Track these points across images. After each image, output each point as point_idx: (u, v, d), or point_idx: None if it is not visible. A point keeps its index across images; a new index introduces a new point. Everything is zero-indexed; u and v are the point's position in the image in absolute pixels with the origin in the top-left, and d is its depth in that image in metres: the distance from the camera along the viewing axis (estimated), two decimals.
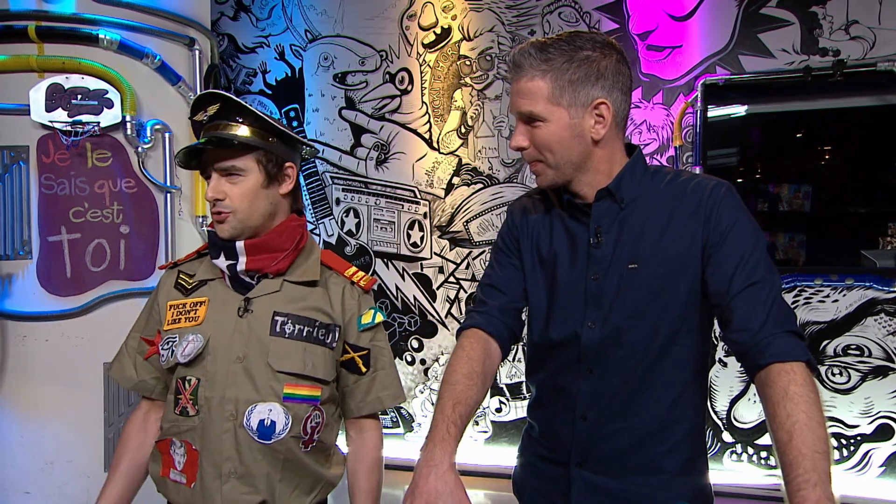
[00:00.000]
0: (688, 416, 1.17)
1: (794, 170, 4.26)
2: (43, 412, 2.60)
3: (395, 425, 3.74)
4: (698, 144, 3.27)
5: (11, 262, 2.66)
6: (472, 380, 1.13)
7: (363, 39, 3.65)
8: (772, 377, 0.98)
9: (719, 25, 3.25)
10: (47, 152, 2.61)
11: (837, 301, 3.20)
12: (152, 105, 2.73)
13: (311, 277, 1.28)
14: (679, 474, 1.17)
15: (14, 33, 2.55)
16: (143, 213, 2.72)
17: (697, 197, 1.11)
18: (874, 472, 3.17)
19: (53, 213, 2.62)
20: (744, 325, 1.03)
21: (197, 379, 1.18)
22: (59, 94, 2.57)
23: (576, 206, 1.17)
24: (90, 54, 2.60)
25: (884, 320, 3.14)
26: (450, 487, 0.97)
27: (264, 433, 1.18)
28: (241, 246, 1.20)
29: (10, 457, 2.67)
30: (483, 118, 3.53)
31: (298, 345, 1.22)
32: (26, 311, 2.63)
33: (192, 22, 2.92)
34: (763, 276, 1.05)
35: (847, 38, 3.12)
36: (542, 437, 1.26)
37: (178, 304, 1.23)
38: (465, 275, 3.62)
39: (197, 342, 1.17)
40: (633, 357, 1.13)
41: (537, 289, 1.22)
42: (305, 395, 1.23)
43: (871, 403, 3.16)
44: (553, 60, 1.08)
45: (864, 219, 3.73)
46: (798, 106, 3.37)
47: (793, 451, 0.90)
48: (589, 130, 1.10)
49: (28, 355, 2.64)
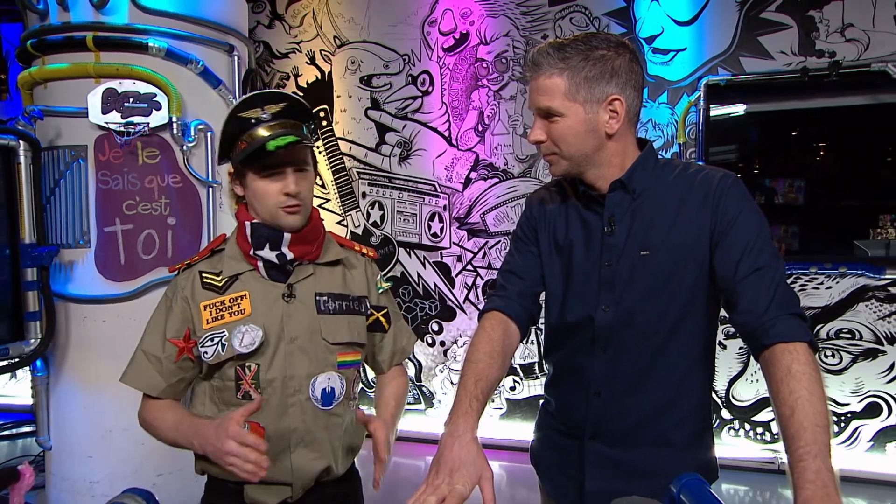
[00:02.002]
0: (694, 392, 1.16)
1: (790, 165, 4.19)
2: (102, 385, 2.65)
3: (417, 402, 3.77)
4: (701, 141, 3.23)
5: (73, 251, 2.70)
6: (493, 358, 1.13)
7: (387, 44, 3.64)
8: (776, 356, 0.97)
9: (721, 29, 3.19)
10: (103, 151, 2.64)
11: (831, 288, 3.15)
12: (196, 107, 2.74)
13: (337, 257, 1.30)
14: (686, 448, 1.16)
15: (74, 43, 2.59)
16: (188, 205, 2.75)
17: (705, 188, 1.09)
18: (863, 446, 3.14)
19: (109, 206, 2.65)
20: (749, 308, 1.02)
21: (257, 365, 1.18)
22: (113, 97, 2.59)
23: (590, 196, 1.16)
24: (141, 61, 2.62)
25: (874, 306, 3.10)
26: (472, 456, 0.97)
27: (326, 400, 1.22)
28: (288, 237, 1.20)
29: (74, 425, 2.73)
30: (499, 117, 3.51)
31: (343, 318, 1.25)
32: (86, 294, 2.68)
33: (232, 30, 2.93)
34: (768, 262, 1.04)
35: (843, 40, 3.06)
36: (558, 412, 1.26)
37: (215, 303, 1.19)
38: (482, 263, 3.62)
39: (254, 332, 1.17)
40: (644, 338, 1.12)
41: (554, 274, 1.21)
42: (352, 361, 1.27)
43: (862, 383, 3.13)
44: (570, 59, 1.06)
45: (856, 211, 3.68)
46: (795, 105, 3.31)
47: (795, 424, 0.88)
48: (603, 125, 1.09)
49: (88, 335, 2.69)
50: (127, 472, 2.57)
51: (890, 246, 3.39)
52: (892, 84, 2.99)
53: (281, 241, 1.20)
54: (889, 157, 4.08)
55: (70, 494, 2.74)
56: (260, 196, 1.18)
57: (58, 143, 2.68)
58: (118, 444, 2.66)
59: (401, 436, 3.95)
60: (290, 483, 1.19)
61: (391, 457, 1.19)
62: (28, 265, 2.62)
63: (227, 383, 1.19)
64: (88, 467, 2.69)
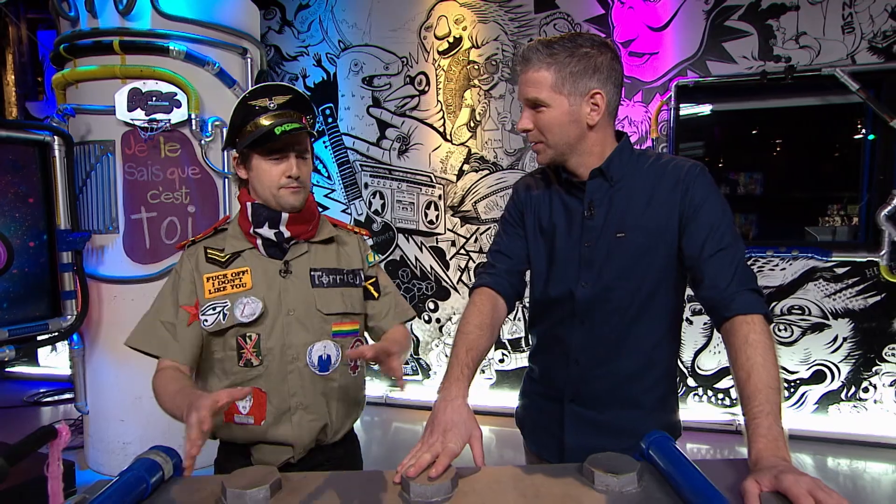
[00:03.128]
0: (663, 361, 1.16)
1: (750, 160, 4.20)
2: (131, 357, 2.61)
3: (415, 373, 3.78)
4: (671, 137, 3.21)
5: (103, 236, 2.68)
6: (483, 330, 1.12)
7: (387, 48, 3.60)
8: (735, 327, 0.97)
9: (690, 35, 3.17)
10: (129, 145, 2.61)
11: (784, 269, 3.17)
12: (212, 104, 2.71)
13: (330, 235, 1.29)
14: (654, 410, 1.16)
15: (102, 47, 2.56)
16: (206, 195, 2.73)
17: (675, 176, 1.08)
18: (809, 408, 3.18)
19: (135, 195, 2.63)
20: (713, 284, 1.01)
21: (257, 334, 1.17)
22: (137, 96, 2.56)
23: (572, 183, 1.14)
24: (162, 63, 2.59)
25: (822, 285, 3.12)
26: (463, 417, 0.97)
27: (323, 366, 1.20)
28: (286, 217, 1.19)
29: (108, 392, 2.73)
30: (489, 114, 3.48)
31: (337, 290, 1.24)
32: (116, 275, 2.66)
33: (245, 35, 2.89)
34: (730, 243, 1.03)
35: (797, 47, 3.04)
36: (541, 378, 1.26)
37: (217, 276, 1.18)
38: (474, 247, 3.61)
39: (255, 304, 1.16)
40: (619, 311, 1.11)
41: (538, 254, 1.20)
42: (349, 330, 1.25)
43: (809, 353, 3.16)
44: (557, 55, 1.05)
45: (807, 201, 3.71)
46: (755, 105, 3.30)
47: (750, 386, 0.89)
48: (585, 116, 1.07)
49: (118, 311, 2.68)
50: (156, 434, 2.58)
51: (836, 232, 3.42)
52: (840, 87, 2.99)
53: (279, 220, 1.19)
54: (837, 153, 4.10)
55: (105, 454, 2.75)
56: (264, 177, 1.17)
57: (88, 139, 2.66)
58: (147, 410, 2.65)
59: (400, 403, 4.00)
60: (291, 444, 1.18)
61: (402, 360, 1.15)
62: (63, 249, 2.61)
63: (229, 353, 1.18)
64: (121, 430, 2.70)
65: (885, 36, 2.95)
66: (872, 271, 3.06)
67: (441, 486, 0.83)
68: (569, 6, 3.30)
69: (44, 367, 4.49)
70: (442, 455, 0.89)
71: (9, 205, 2.51)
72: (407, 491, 0.83)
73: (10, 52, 4.38)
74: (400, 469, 0.88)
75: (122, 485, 0.81)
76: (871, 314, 3.07)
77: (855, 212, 3.36)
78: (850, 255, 3.09)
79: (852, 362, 3.12)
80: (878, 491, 2.67)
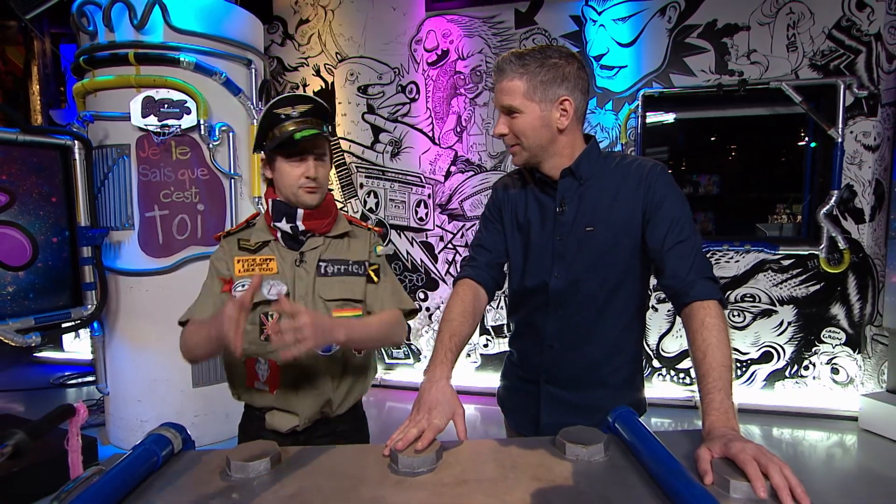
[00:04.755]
0: (629, 345, 1.16)
1: (709, 163, 4.24)
2: (147, 343, 2.61)
3: (407, 357, 3.77)
4: (639, 143, 3.22)
5: (120, 232, 2.63)
6: (465, 317, 1.12)
7: (381, 59, 3.56)
8: (693, 311, 0.97)
9: (655, 50, 3.17)
10: (143, 148, 2.57)
11: (738, 261, 3.20)
12: (220, 111, 2.67)
13: (344, 230, 1.28)
14: (621, 389, 1.16)
15: (118, 59, 2.52)
16: (214, 194, 2.69)
17: (639, 175, 1.07)
18: (758, 385, 3.22)
19: (149, 194, 2.59)
20: (673, 273, 1.01)
21: (279, 315, 1.16)
22: (151, 104, 2.51)
23: (545, 182, 1.13)
24: (174, 73, 2.54)
25: (770, 276, 3.16)
26: (447, 396, 0.96)
27: (326, 347, 1.20)
28: (302, 213, 1.20)
29: (126, 376, 2.70)
30: (474, 120, 3.46)
31: (338, 279, 1.23)
32: (131, 268, 2.62)
33: (250, 47, 2.85)
34: (688, 236, 1.03)
35: (749, 62, 3.07)
36: (519, 362, 1.25)
37: (247, 259, 1.20)
38: (461, 242, 3.60)
39: (280, 286, 1.17)
40: (588, 300, 1.11)
41: (516, 248, 1.19)
42: (349, 316, 1.23)
43: (759, 336, 3.20)
44: (529, 65, 1.03)
45: (758, 201, 3.76)
46: (712, 114, 3.33)
47: (706, 365, 0.89)
48: (555, 121, 1.06)
49: (134, 302, 2.64)
50: (170, 413, 2.55)
51: (783, 228, 3.47)
52: (786, 99, 3.04)
53: (295, 215, 1.20)
54: (783, 158, 4.15)
55: (125, 431, 2.72)
56: (285, 177, 1.18)
57: (106, 143, 2.61)
58: (162, 391, 2.63)
59: (393, 384, 3.98)
60: (297, 413, 1.19)
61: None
62: (84, 244, 2.58)
63: (253, 326, 1.19)
64: (139, 409, 2.67)
65: (824, 55, 2.98)
66: (813, 263, 3.11)
67: (427, 458, 0.82)
68: (546, 23, 3.29)
69: (68, 352, 4.44)
70: (427, 430, 0.88)
71: (34, 204, 2.47)
72: (395, 462, 0.83)
73: (35, 64, 4.34)
74: (389, 443, 0.88)
75: (135, 458, 0.81)
76: (811, 301, 3.12)
77: (799, 210, 3.41)
78: (795, 249, 3.13)
79: (795, 344, 3.17)
80: (815, 455, 2.74)
